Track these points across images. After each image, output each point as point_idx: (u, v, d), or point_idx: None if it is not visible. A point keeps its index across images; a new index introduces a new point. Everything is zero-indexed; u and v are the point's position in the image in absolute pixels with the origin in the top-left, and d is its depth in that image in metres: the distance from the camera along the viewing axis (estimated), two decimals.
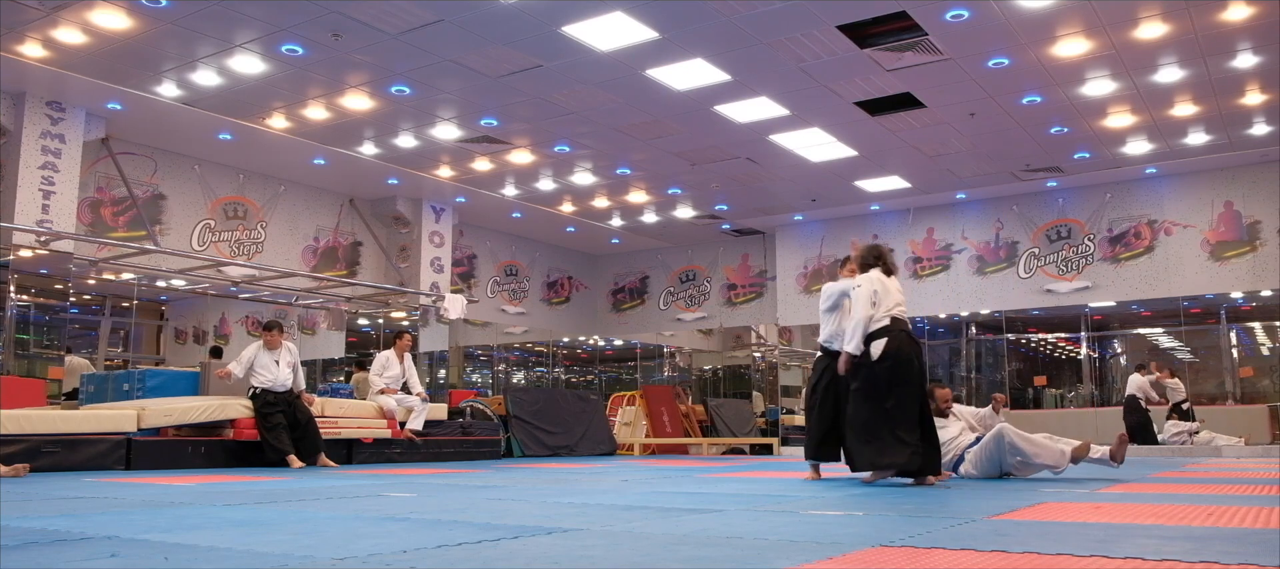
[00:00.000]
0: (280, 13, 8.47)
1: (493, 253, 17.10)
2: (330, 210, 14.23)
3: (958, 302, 15.08)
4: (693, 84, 10.07)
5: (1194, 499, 4.22)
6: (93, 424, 7.79)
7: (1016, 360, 15.79)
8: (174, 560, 2.40)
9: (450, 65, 9.60)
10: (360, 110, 10.88)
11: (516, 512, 3.73)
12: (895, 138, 11.89)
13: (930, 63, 9.53)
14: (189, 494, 4.85)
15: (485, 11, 8.42)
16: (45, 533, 3.01)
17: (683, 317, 18.19)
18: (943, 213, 15.30)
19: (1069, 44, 9.14)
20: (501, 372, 17.88)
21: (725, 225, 16.69)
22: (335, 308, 13.77)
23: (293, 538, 2.90)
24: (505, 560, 2.38)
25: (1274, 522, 3.12)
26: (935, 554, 2.47)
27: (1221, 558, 2.28)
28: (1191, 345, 15.30)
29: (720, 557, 2.45)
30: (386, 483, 5.90)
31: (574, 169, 13.28)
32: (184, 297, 15.00)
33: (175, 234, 12.23)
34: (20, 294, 10.06)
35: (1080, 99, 10.56)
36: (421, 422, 10.08)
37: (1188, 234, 13.54)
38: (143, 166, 12.05)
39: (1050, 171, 13.46)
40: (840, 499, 4.47)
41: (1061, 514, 3.59)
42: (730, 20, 8.57)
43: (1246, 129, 11.61)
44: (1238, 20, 8.63)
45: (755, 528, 3.11)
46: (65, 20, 8.60)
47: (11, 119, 10.25)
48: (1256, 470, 7.22)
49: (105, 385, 9.33)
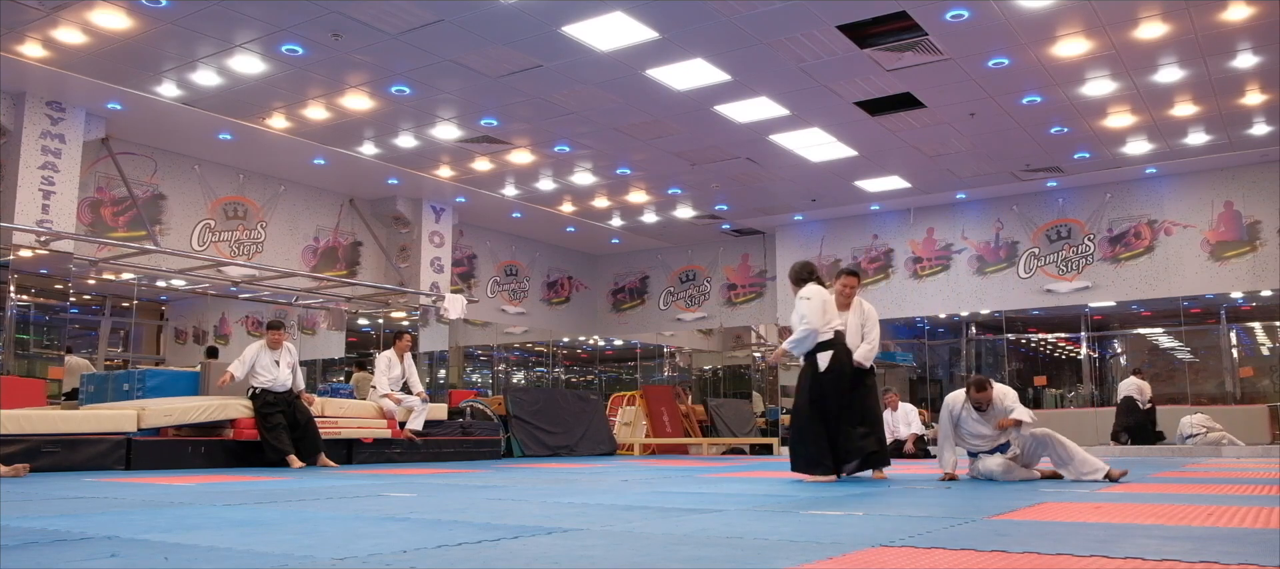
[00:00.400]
0: (280, 13, 8.47)
1: (493, 253, 17.10)
2: (330, 210, 14.23)
3: (958, 302, 15.08)
4: (693, 84, 10.07)
5: (1194, 499, 4.22)
6: (93, 424, 7.78)
7: (1016, 360, 15.79)
8: (174, 560, 2.40)
9: (450, 65, 9.60)
10: (360, 110, 10.88)
11: (516, 512, 3.73)
12: (895, 138, 11.89)
13: (930, 63, 9.53)
14: (189, 494, 4.85)
15: (485, 11, 8.42)
16: (45, 533, 3.01)
17: (683, 317, 18.19)
18: (943, 213, 15.30)
19: (1069, 44, 9.14)
20: (501, 372, 17.88)
21: (725, 225, 16.69)
22: (335, 308, 13.77)
23: (293, 538, 2.90)
24: (505, 560, 2.38)
25: (1274, 522, 3.12)
26: (935, 554, 2.47)
27: (1221, 558, 2.28)
28: (1191, 345, 15.30)
29: (720, 557, 2.45)
30: (386, 483, 5.90)
31: (574, 169, 13.27)
32: (184, 296, 15.01)
33: (175, 234, 12.23)
34: (20, 294, 10.06)
35: (1080, 99, 10.56)
36: (421, 422, 10.07)
37: (1188, 234, 13.53)
38: (143, 166, 12.04)
39: (1050, 171, 13.46)
40: (840, 499, 4.46)
41: (1061, 514, 3.59)
42: (730, 20, 8.57)
43: (1246, 129, 11.61)
44: (1238, 20, 8.63)
45: (755, 528, 3.11)
46: (65, 20, 8.60)
47: (11, 119, 10.25)
48: (1256, 470, 7.22)
49: (105, 385, 9.33)
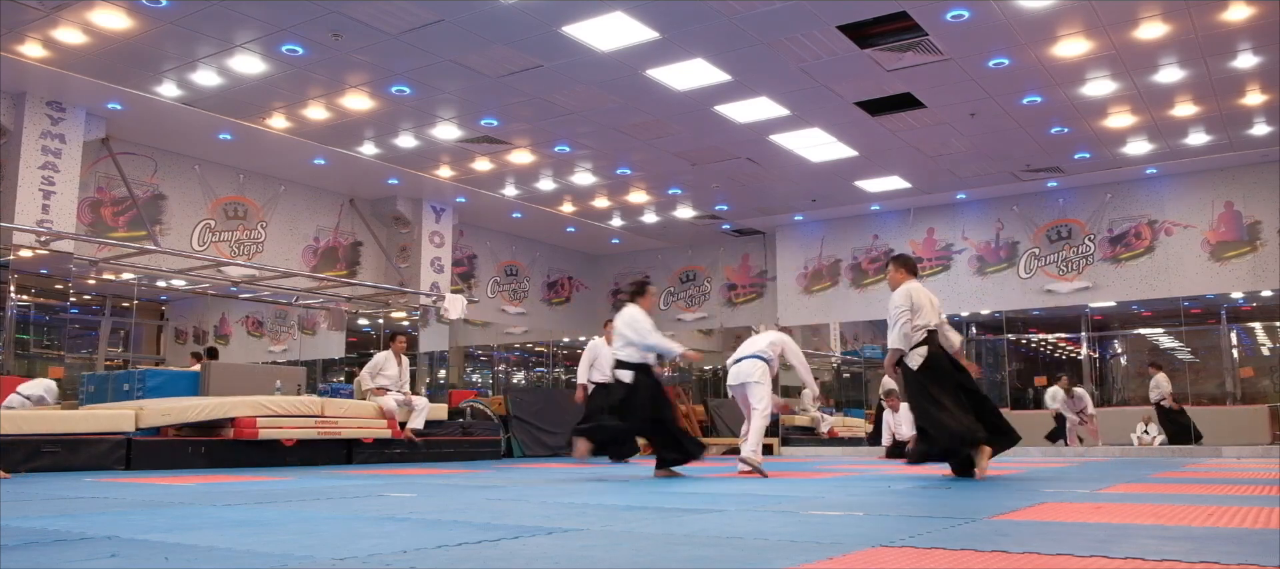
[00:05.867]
0: (280, 13, 8.47)
1: (493, 253, 17.09)
2: (330, 210, 14.22)
3: (958, 302, 15.08)
4: (693, 84, 10.06)
5: (1194, 499, 4.22)
6: (92, 424, 7.79)
7: (1017, 360, 15.79)
8: (174, 560, 2.40)
9: (450, 65, 9.60)
10: (360, 110, 10.88)
11: (516, 512, 3.73)
12: (895, 138, 11.88)
13: (930, 63, 9.53)
14: (189, 494, 4.85)
15: (485, 11, 8.42)
16: (45, 533, 3.01)
17: (683, 317, 18.18)
18: (943, 213, 15.30)
19: (1069, 44, 9.13)
20: (502, 372, 17.89)
21: (725, 225, 16.69)
22: (335, 308, 13.76)
23: (293, 538, 2.90)
24: (505, 560, 2.38)
25: (1274, 522, 3.12)
26: (935, 554, 2.47)
27: (1221, 558, 2.28)
28: (1192, 345, 15.30)
29: (720, 557, 2.44)
30: (386, 483, 5.90)
31: (574, 169, 13.27)
32: (184, 296, 15.00)
33: (175, 234, 12.23)
34: (20, 294, 10.06)
35: (1080, 99, 10.56)
36: (422, 421, 10.09)
37: (1188, 234, 13.53)
38: (143, 166, 12.04)
39: (1050, 172, 13.45)
40: (840, 499, 4.46)
41: (1062, 514, 3.59)
42: (730, 20, 8.56)
43: (1246, 129, 11.61)
44: (1238, 20, 8.62)
45: (755, 528, 3.11)
46: (65, 20, 8.60)
47: (11, 119, 10.24)
48: (1256, 470, 7.21)
49: (105, 385, 9.33)
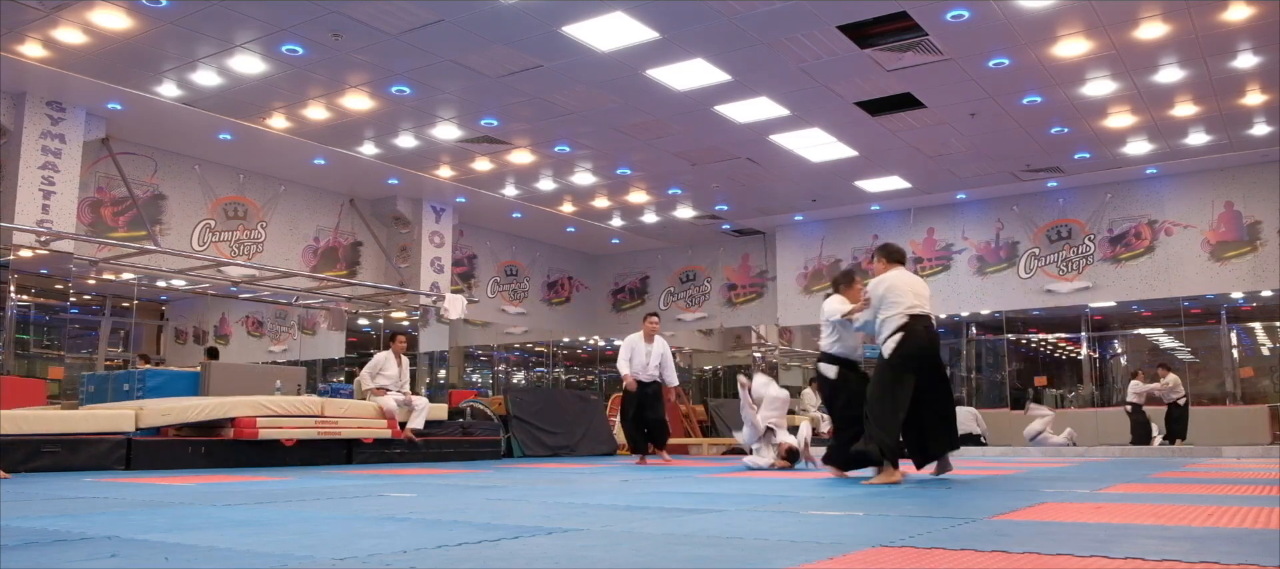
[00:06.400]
0: (280, 13, 8.47)
1: (493, 253, 17.09)
2: (330, 210, 14.22)
3: (958, 302, 15.08)
4: (693, 84, 10.06)
5: (1194, 499, 4.22)
6: (92, 424, 7.78)
7: (1017, 360, 15.78)
8: (174, 560, 2.40)
9: (450, 65, 9.60)
10: (360, 110, 10.88)
11: (516, 512, 3.73)
12: (895, 138, 11.88)
13: (930, 63, 9.53)
14: (189, 494, 4.85)
15: (485, 11, 8.42)
16: (45, 533, 3.01)
17: (683, 317, 18.18)
18: (943, 213, 15.29)
19: (1069, 44, 9.13)
20: (501, 372, 17.88)
21: (725, 225, 16.69)
22: (335, 308, 13.76)
23: (293, 538, 2.90)
24: (505, 560, 2.38)
25: (1274, 522, 3.12)
26: (935, 554, 2.47)
27: (1221, 558, 2.28)
28: (1192, 345, 15.29)
29: (720, 557, 2.44)
30: (386, 483, 5.90)
31: (574, 169, 13.27)
32: (184, 296, 15.00)
33: (175, 234, 12.23)
34: (20, 294, 10.06)
35: (1080, 99, 10.56)
36: (422, 421, 10.08)
37: (1188, 234, 13.53)
38: (143, 166, 12.04)
39: (1050, 172, 13.45)
40: (840, 499, 4.46)
41: (1062, 514, 3.59)
42: (730, 20, 8.56)
43: (1246, 129, 11.61)
44: (1238, 20, 8.63)
45: (755, 528, 3.11)
46: (65, 20, 8.60)
47: (11, 119, 10.24)
48: (1256, 470, 7.21)
49: (105, 385, 9.33)
